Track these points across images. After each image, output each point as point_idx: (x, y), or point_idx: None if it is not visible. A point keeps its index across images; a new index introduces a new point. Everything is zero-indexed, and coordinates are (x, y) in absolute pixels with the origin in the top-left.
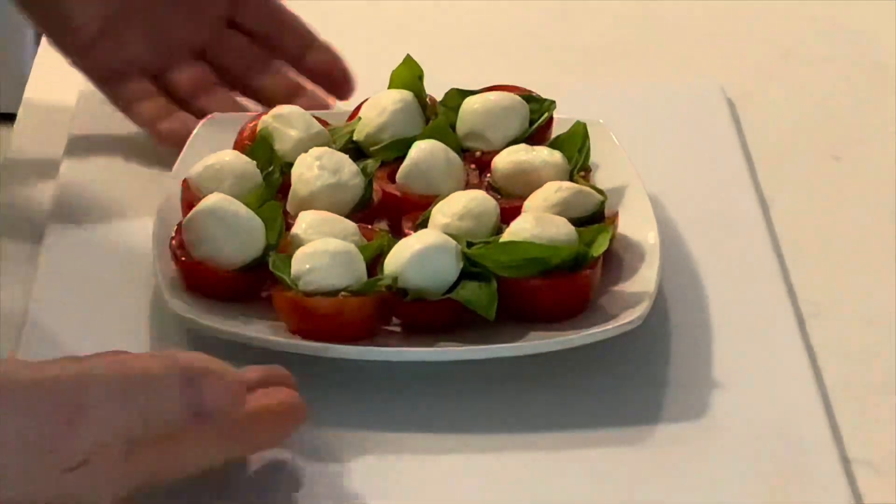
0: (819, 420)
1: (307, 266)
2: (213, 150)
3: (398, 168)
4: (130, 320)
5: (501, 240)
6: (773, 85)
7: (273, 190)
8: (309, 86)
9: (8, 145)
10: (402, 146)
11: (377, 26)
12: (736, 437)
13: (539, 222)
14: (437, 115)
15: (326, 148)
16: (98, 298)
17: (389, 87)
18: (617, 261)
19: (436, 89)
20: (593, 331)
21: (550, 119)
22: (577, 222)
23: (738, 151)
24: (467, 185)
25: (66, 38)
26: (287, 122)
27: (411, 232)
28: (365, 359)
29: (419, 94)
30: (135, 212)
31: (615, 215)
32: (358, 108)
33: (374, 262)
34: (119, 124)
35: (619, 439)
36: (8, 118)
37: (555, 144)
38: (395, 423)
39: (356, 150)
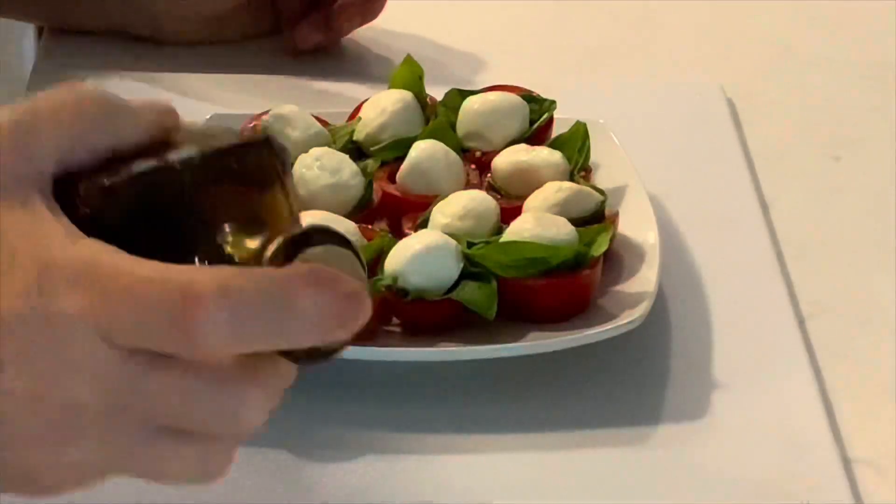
0: (819, 420)
1: None
2: None
3: (398, 168)
4: None
5: (501, 240)
6: (773, 85)
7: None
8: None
9: None
10: (402, 146)
11: (378, 26)
12: (736, 437)
13: (539, 222)
14: (437, 115)
15: (326, 148)
16: None
17: (389, 87)
18: (617, 261)
19: (436, 89)
20: (593, 331)
21: (550, 119)
22: (577, 222)
23: (738, 151)
24: (467, 185)
25: None
26: (287, 122)
27: (411, 232)
28: (365, 359)
29: (419, 94)
30: None
31: (615, 215)
32: (358, 108)
33: (374, 262)
34: None
35: (619, 439)
36: None
37: (555, 144)
38: (395, 423)
39: (356, 150)
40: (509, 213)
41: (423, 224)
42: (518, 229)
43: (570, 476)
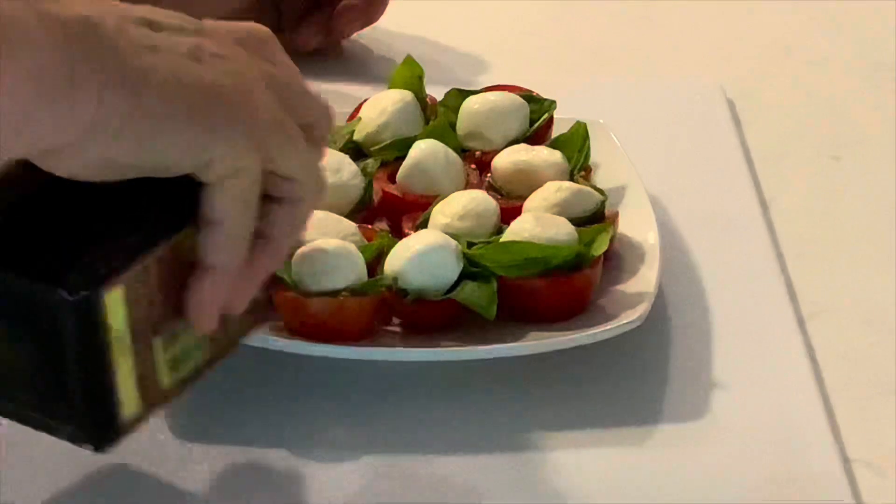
0: (819, 420)
1: (307, 266)
2: None
3: (398, 168)
4: None
5: (501, 240)
6: (773, 85)
7: None
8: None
9: None
10: (402, 146)
11: (378, 27)
12: (736, 437)
13: (539, 222)
14: (437, 115)
15: (327, 148)
16: None
17: (389, 87)
18: (617, 261)
19: (436, 89)
20: (593, 331)
21: (550, 119)
22: (577, 222)
23: (738, 151)
24: (467, 185)
25: None
26: None
27: (411, 232)
28: (365, 359)
29: (419, 94)
30: None
31: (615, 215)
32: (358, 108)
33: (375, 262)
34: None
35: (620, 439)
36: None
37: (555, 144)
38: (394, 423)
39: (356, 150)
40: (509, 213)
41: (423, 224)
42: (518, 229)
43: (571, 476)
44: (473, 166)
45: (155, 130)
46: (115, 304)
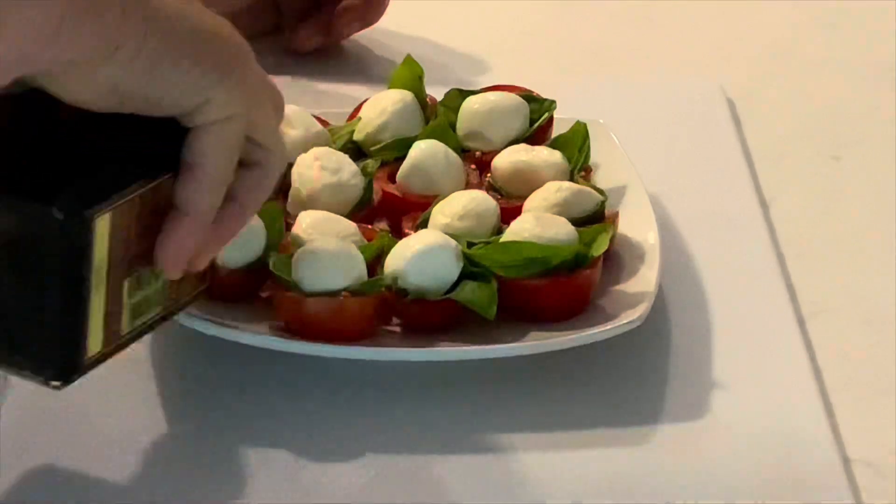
0: (819, 420)
1: (308, 266)
2: None
3: (398, 168)
4: None
5: (501, 240)
6: (773, 85)
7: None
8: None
9: None
10: (402, 146)
11: (378, 27)
12: (736, 437)
13: (539, 222)
14: (437, 115)
15: (326, 148)
16: None
17: (389, 87)
18: (617, 261)
19: (436, 89)
20: (593, 331)
21: (550, 119)
22: (577, 222)
23: (738, 151)
24: (467, 185)
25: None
26: (287, 122)
27: (411, 232)
28: (365, 359)
29: (419, 94)
30: None
31: (615, 215)
32: (358, 108)
33: (374, 262)
34: None
35: (619, 439)
36: None
37: (555, 144)
38: (394, 423)
39: (356, 150)
40: (509, 213)
41: (423, 224)
42: (518, 229)
43: (571, 476)
44: (473, 166)
45: (164, 61)
46: (101, 232)
